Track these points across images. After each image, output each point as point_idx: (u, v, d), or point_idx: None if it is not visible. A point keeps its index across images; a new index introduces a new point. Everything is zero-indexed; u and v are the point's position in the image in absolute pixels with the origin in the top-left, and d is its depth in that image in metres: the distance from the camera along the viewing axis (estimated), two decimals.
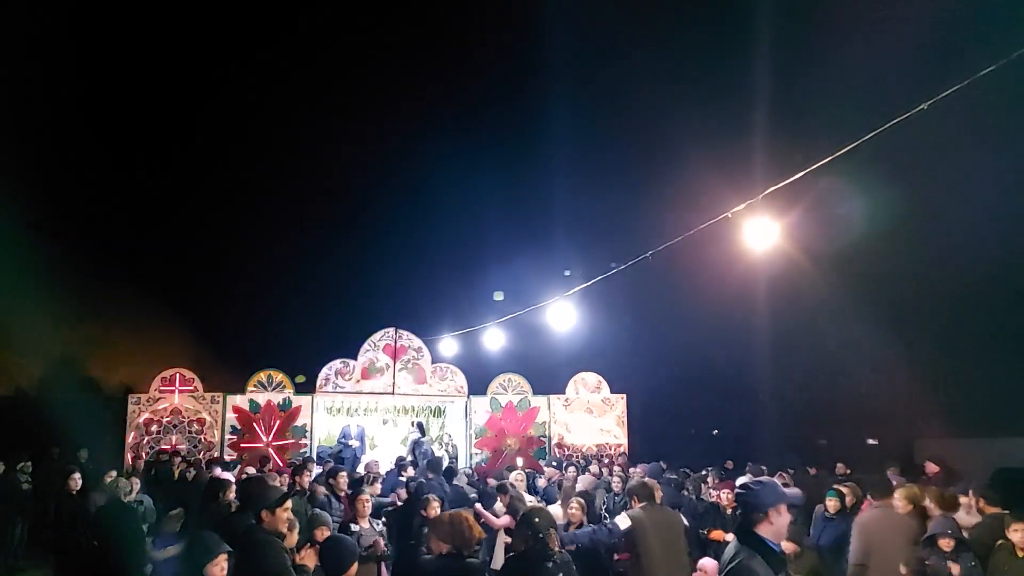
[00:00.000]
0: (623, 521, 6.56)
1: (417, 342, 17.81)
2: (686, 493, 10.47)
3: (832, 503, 8.22)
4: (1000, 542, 6.24)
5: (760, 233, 7.33)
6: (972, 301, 17.07)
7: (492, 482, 11.26)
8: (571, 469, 12.74)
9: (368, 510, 7.19)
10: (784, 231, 7.43)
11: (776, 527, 3.55)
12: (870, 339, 17.80)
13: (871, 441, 21.26)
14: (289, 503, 4.95)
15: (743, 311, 18.14)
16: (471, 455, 17.38)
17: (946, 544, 6.26)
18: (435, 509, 7.99)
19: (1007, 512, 6.40)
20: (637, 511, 6.79)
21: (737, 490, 3.84)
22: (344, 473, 8.86)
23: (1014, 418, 17.02)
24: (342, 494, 8.71)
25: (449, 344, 17.88)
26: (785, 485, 9.35)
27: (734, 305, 17.53)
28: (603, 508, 10.66)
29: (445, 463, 16.12)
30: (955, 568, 6.10)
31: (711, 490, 9.88)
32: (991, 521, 6.65)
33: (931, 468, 10.53)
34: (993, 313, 17.11)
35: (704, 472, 11.41)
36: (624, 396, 18.59)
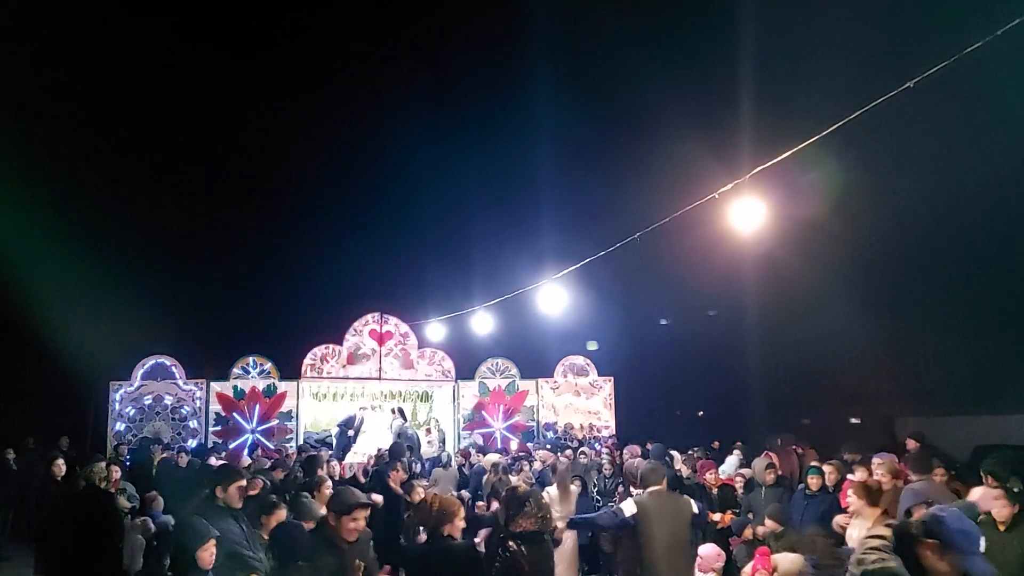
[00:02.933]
0: (628, 507, 6.23)
1: (403, 327, 17.79)
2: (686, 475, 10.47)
3: (814, 480, 8.28)
4: (981, 517, 6.32)
5: (747, 214, 7.28)
6: (954, 282, 17.23)
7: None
8: (567, 452, 12.78)
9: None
10: (771, 211, 7.39)
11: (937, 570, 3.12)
12: (853, 319, 17.94)
13: (854, 420, 21.48)
14: (361, 513, 4.57)
15: (729, 292, 18.22)
16: (459, 439, 17.41)
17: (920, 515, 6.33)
18: (419, 494, 8.06)
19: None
20: (644, 497, 6.45)
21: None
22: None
23: (993, 396, 17.26)
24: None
25: (436, 328, 17.81)
26: (769, 465, 9.46)
27: (720, 287, 17.60)
28: (595, 491, 10.69)
29: (439, 451, 16.20)
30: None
31: (698, 471, 9.91)
32: None
33: (911, 444, 10.69)
34: (974, 293, 17.29)
35: (692, 452, 11.48)
36: (611, 379, 18.68)
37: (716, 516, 8.60)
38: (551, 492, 8.75)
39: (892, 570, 3.09)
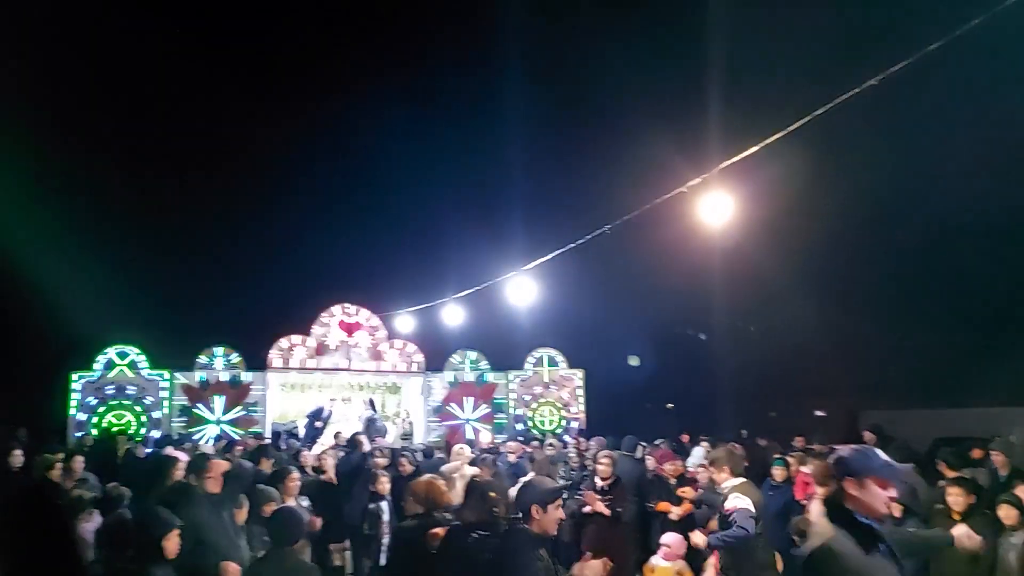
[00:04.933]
0: (748, 504, 5.69)
1: (372, 318, 17.66)
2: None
3: (779, 472, 8.41)
4: (939, 506, 6.51)
5: (715, 208, 7.37)
6: (915, 277, 17.55)
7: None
8: (533, 443, 12.82)
9: (296, 489, 7.17)
10: (738, 206, 7.49)
11: (864, 501, 3.17)
12: (819, 314, 18.22)
13: (819, 413, 21.83)
14: (560, 500, 4.27)
15: (698, 286, 18.36)
16: (429, 431, 17.38)
17: (895, 510, 6.48)
18: (383, 484, 8.08)
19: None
20: (742, 488, 5.89)
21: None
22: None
23: (952, 390, 17.66)
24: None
25: (405, 320, 17.73)
26: (743, 458, 9.57)
27: (689, 280, 17.72)
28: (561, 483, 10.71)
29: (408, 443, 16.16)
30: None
31: (656, 462, 9.97)
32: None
33: (868, 437, 10.90)
34: (935, 290, 17.63)
35: (657, 443, 11.58)
36: (582, 371, 18.75)
37: (672, 507, 8.64)
38: None
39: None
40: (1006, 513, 6.10)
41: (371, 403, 16.42)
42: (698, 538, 6.51)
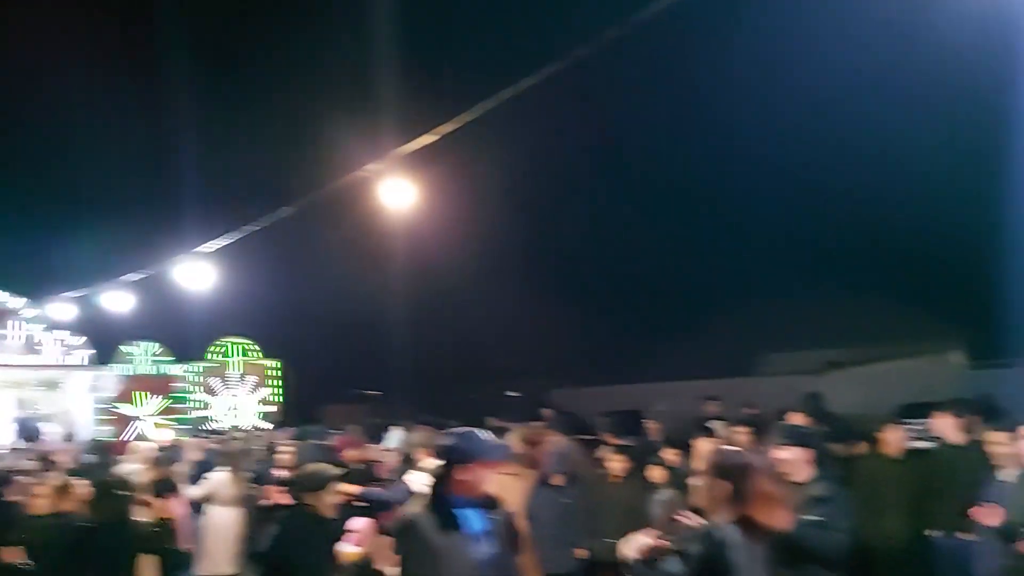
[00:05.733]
0: (424, 480, 5.72)
1: (23, 305, 15.56)
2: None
3: None
4: (600, 471, 7.23)
5: (399, 193, 7.41)
6: (590, 268, 19.49)
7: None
8: (216, 436, 12.22)
9: None
10: (426, 192, 7.61)
11: (470, 484, 3.35)
12: (509, 300, 19.42)
13: (513, 393, 23.34)
14: (335, 486, 4.90)
15: (390, 272, 18.60)
16: (97, 430, 15.68)
17: (558, 479, 7.00)
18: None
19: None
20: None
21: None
22: None
23: (621, 368, 19.97)
24: None
25: (66, 308, 15.63)
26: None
27: (381, 266, 17.88)
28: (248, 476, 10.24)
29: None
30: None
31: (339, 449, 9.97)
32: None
33: (547, 413, 11.83)
34: (610, 280, 19.70)
35: (347, 429, 11.52)
36: (279, 361, 18.27)
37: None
38: (219, 476, 8.16)
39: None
40: (655, 473, 6.89)
41: (21, 403, 14.48)
42: (351, 488, 6.58)
